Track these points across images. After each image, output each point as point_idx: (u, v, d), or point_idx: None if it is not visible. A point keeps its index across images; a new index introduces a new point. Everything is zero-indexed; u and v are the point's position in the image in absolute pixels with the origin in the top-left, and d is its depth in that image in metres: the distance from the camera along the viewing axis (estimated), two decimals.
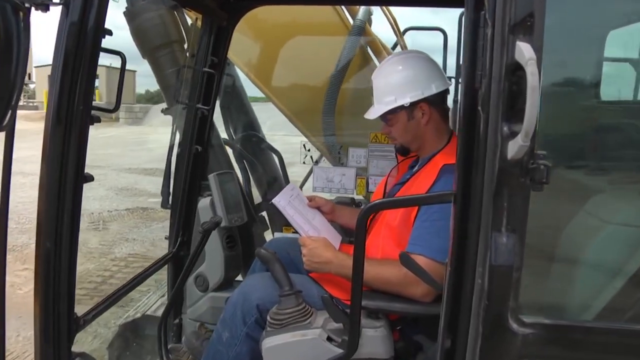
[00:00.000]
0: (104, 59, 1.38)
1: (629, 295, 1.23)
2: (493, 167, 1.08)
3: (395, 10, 3.12)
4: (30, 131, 9.38)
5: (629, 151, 1.57)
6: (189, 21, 2.51)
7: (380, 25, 2.84)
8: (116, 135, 18.10)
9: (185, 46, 2.46)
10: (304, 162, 2.67)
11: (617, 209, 1.41)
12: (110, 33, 1.32)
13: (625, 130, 1.71)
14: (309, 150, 2.61)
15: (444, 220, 1.45)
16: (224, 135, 2.77)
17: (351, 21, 2.66)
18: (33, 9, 1.21)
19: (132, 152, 13.74)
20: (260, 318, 1.60)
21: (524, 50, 1.00)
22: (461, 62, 1.16)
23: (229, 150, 2.76)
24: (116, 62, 1.54)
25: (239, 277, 2.52)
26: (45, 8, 1.22)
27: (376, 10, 2.82)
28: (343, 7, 2.63)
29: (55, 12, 1.25)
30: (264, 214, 3.02)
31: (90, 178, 1.37)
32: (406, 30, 3.38)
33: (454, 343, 1.22)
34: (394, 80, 1.65)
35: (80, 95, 1.28)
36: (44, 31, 2.44)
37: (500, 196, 1.09)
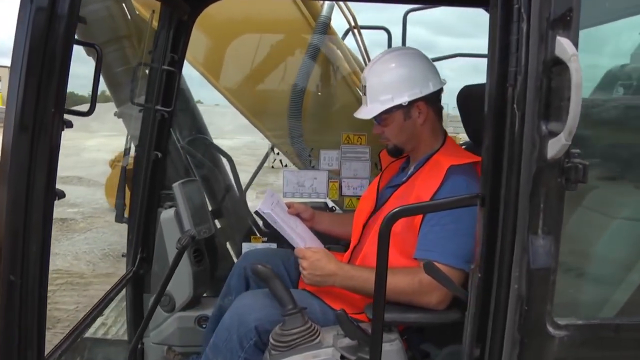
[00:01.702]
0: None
1: None
2: (530, 168, 1.04)
3: None
4: None
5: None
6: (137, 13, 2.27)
7: None
8: None
9: (136, 42, 2.23)
10: (272, 167, 2.51)
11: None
12: (84, 21, 1.11)
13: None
14: (277, 153, 2.46)
15: (454, 223, 1.41)
16: None
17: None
18: None
19: None
20: (259, 341, 1.45)
21: (566, 46, 0.96)
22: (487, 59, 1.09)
23: None
24: None
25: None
26: None
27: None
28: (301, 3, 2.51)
29: None
30: (217, 222, 2.83)
31: (61, 194, 1.16)
32: (348, 30, 3.30)
33: (482, 352, 1.17)
34: (389, 78, 1.57)
35: (51, 97, 1.06)
36: None
37: (537, 197, 1.05)
